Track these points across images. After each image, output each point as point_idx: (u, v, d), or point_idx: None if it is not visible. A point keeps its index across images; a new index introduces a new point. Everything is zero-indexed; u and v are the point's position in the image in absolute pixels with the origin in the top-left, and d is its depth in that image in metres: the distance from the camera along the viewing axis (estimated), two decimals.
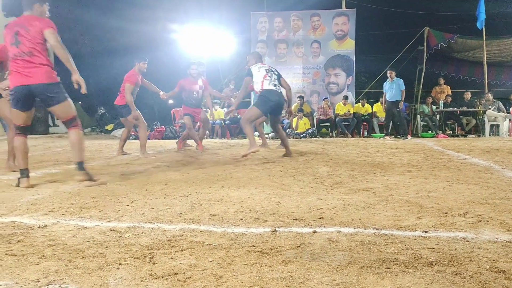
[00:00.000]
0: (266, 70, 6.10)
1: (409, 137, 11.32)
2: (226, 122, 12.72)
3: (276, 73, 6.16)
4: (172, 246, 2.05)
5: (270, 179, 4.12)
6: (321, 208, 2.83)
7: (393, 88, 11.09)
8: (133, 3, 20.33)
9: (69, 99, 3.97)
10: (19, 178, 3.86)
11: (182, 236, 2.22)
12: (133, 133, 12.18)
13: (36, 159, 6.18)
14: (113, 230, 2.34)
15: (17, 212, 2.83)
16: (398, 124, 11.65)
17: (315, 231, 2.27)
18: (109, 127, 16.34)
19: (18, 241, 2.16)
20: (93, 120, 18.29)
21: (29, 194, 3.46)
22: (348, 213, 2.68)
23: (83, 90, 3.87)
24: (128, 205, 3.00)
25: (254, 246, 2.05)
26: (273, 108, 6.02)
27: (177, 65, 16.73)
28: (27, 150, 4.00)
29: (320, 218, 2.57)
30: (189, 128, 7.46)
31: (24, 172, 3.88)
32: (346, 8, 14.21)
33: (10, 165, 4.94)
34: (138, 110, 6.72)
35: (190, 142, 8.36)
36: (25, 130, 4.02)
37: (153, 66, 7.53)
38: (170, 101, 7.40)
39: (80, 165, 3.97)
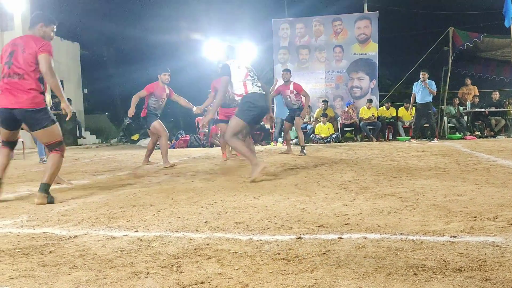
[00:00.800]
0: (246, 67, 5.05)
1: (435, 139, 11.12)
2: None
3: (255, 72, 5.17)
4: (198, 255, 2.08)
5: (295, 186, 4.11)
6: (347, 214, 2.81)
7: (425, 89, 10.80)
8: (157, 15, 20.75)
9: (55, 125, 3.79)
10: None
11: (208, 244, 2.25)
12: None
13: (65, 171, 6.34)
14: (141, 240, 2.38)
15: (48, 223, 2.91)
16: (426, 127, 11.43)
17: (340, 238, 2.26)
18: (135, 137, 16.61)
19: (50, 251, 2.22)
20: (119, 131, 18.66)
21: (59, 206, 3.55)
22: (374, 219, 2.66)
23: (69, 117, 3.88)
24: (155, 215, 3.05)
25: (279, 253, 2.05)
26: (259, 115, 5.04)
27: (201, 72, 16.95)
28: (6, 163, 3.88)
29: (346, 224, 2.56)
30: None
31: None
32: (368, 11, 14.11)
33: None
34: (158, 121, 6.76)
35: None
36: (10, 144, 3.92)
37: (176, 75, 7.58)
38: (195, 109, 7.44)
39: (43, 187, 3.70)
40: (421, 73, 10.98)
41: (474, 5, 17.20)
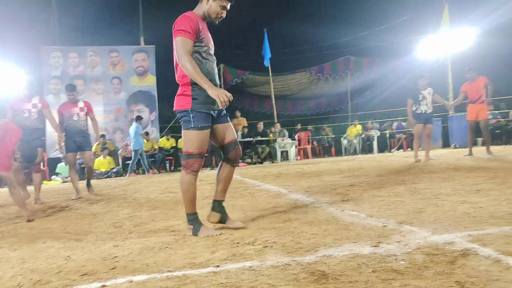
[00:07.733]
0: None
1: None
2: None
3: None
4: None
5: (63, 230, 3.76)
6: (116, 256, 2.68)
7: None
8: None
9: (189, 131, 3.16)
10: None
11: None
12: None
13: None
14: None
15: None
16: None
17: (104, 286, 2.12)
18: None
19: None
20: None
21: None
22: (143, 258, 2.59)
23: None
24: None
25: None
26: None
27: None
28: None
29: (113, 268, 2.42)
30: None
31: None
32: (145, 45, 14.32)
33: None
34: None
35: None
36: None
37: None
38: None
39: (187, 216, 3.26)
40: None
41: (241, 44, 19.24)
